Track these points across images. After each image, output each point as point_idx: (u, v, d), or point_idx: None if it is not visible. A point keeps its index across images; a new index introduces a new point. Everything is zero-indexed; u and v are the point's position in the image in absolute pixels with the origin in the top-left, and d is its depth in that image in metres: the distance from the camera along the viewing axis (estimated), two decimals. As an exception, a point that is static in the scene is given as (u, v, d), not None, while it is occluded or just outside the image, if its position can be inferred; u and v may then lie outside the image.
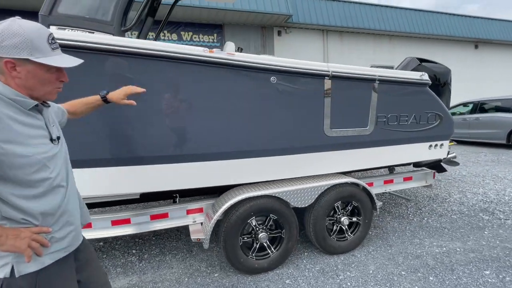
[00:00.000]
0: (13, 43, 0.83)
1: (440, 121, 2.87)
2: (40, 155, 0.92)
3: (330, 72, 2.25)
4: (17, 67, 0.87)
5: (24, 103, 0.90)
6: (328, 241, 2.50)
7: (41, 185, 0.93)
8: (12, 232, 0.87)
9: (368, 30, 11.25)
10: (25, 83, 0.89)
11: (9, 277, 0.89)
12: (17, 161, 0.86)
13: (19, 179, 0.88)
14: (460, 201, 3.84)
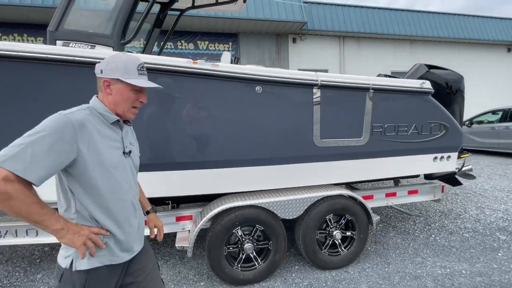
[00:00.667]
0: (112, 67, 1.05)
1: (446, 131, 2.69)
2: (111, 162, 1.05)
3: (318, 81, 2.20)
4: (111, 86, 1.07)
5: (108, 117, 1.08)
6: (318, 255, 2.41)
7: (108, 190, 1.04)
8: (73, 228, 0.97)
9: (387, 35, 10.91)
10: (113, 98, 1.08)
11: (68, 268, 0.99)
12: (91, 164, 0.99)
13: (90, 181, 1.00)
14: (476, 218, 3.54)
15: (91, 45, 2.25)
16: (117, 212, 1.07)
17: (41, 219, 0.90)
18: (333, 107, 2.31)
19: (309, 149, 2.30)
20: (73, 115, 0.98)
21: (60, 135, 0.92)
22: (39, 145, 0.89)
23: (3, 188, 0.83)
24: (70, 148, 0.94)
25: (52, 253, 2.88)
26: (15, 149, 0.87)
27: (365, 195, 2.84)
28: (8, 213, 0.88)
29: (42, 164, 0.89)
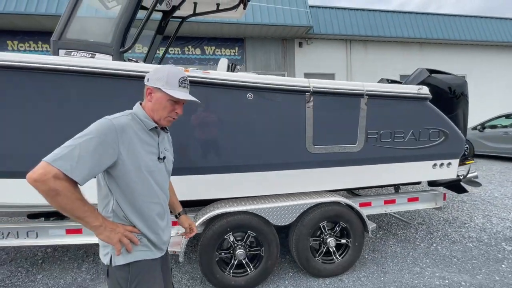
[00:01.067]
0: (157, 77, 1.14)
1: (446, 138, 2.62)
2: (146, 166, 1.12)
3: (311, 88, 2.20)
4: (152, 93, 1.16)
5: (147, 124, 1.16)
6: (311, 263, 2.38)
7: (144, 193, 1.12)
8: (110, 225, 1.05)
9: (395, 38, 10.77)
10: (152, 106, 1.16)
11: (110, 265, 1.08)
12: (130, 167, 1.07)
13: (128, 183, 1.08)
14: (482, 227, 3.42)
15: (92, 54, 2.33)
16: (148, 214, 1.14)
17: (83, 215, 0.99)
18: (326, 113, 2.30)
19: (302, 155, 2.29)
20: (117, 120, 1.07)
21: (104, 139, 1.01)
22: (85, 147, 0.97)
23: (52, 185, 0.91)
24: (112, 151, 1.02)
25: (54, 255, 2.97)
26: (65, 150, 0.96)
27: (362, 202, 2.80)
28: (54, 207, 0.96)
29: (86, 165, 0.97)
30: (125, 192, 1.08)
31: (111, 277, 1.10)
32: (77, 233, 2.33)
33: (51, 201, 0.94)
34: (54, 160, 0.93)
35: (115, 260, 1.08)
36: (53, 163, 0.92)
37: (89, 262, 2.78)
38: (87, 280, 2.49)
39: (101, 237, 1.03)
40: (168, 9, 3.69)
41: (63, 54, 2.32)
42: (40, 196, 0.97)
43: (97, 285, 2.40)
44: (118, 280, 1.09)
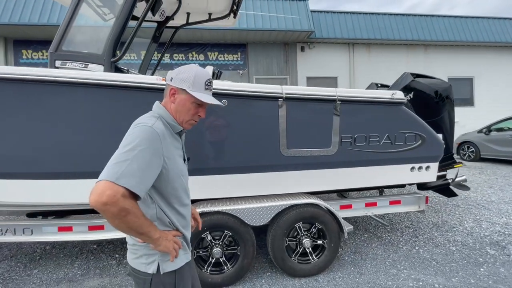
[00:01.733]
0: (182, 77, 1.09)
1: (422, 142, 2.66)
2: (181, 171, 1.12)
3: (283, 94, 2.31)
4: (176, 94, 1.11)
5: (174, 127, 1.13)
6: (287, 262, 2.46)
7: (181, 199, 1.12)
8: (165, 234, 1.03)
9: (399, 41, 10.69)
10: (175, 107, 1.12)
11: (156, 273, 1.04)
12: (170, 174, 1.05)
13: (169, 189, 1.07)
14: (470, 231, 3.40)
15: (85, 64, 2.53)
16: (185, 214, 1.16)
17: (148, 230, 0.95)
18: (300, 118, 2.39)
19: (276, 158, 2.39)
20: (157, 126, 1.02)
21: (153, 149, 0.97)
22: (141, 159, 0.92)
23: (122, 205, 0.85)
24: (160, 160, 0.99)
25: (52, 252, 3.16)
26: (123, 165, 0.89)
27: (343, 204, 2.87)
28: (121, 228, 0.90)
29: (146, 178, 0.94)
30: (167, 198, 1.07)
31: (156, 285, 1.05)
32: (68, 230, 2.51)
33: (121, 223, 0.89)
34: (118, 178, 0.87)
35: (163, 267, 1.05)
36: (117, 182, 0.86)
37: (82, 259, 2.96)
38: (78, 275, 2.66)
39: (160, 248, 1.01)
40: (162, 20, 3.87)
41: (59, 65, 2.53)
42: (36, 196, 1.02)
43: (86, 280, 2.57)
44: (165, 285, 1.06)
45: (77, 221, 2.49)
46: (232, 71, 10.23)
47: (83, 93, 2.18)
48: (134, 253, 1.08)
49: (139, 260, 1.07)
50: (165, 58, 9.95)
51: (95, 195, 0.85)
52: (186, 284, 1.13)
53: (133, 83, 2.16)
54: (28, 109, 2.20)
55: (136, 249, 1.07)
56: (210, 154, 2.31)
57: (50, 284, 2.52)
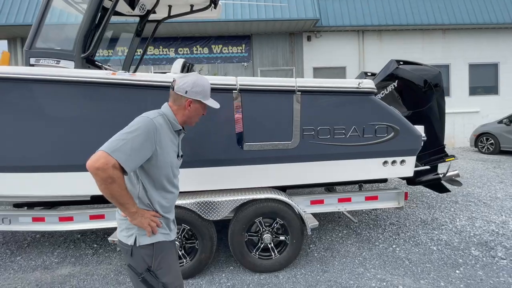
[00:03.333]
0: (197, 90, 1.32)
1: (395, 134, 2.47)
2: (170, 162, 1.31)
3: (237, 86, 2.23)
4: (191, 104, 1.33)
5: (174, 125, 1.33)
6: (246, 257, 2.43)
7: (165, 186, 1.31)
8: (141, 212, 1.21)
9: (413, 26, 10.01)
10: (189, 114, 1.35)
11: (134, 245, 1.23)
12: (159, 162, 1.24)
13: (155, 177, 1.26)
14: (460, 229, 3.16)
15: (57, 61, 2.59)
16: (169, 201, 1.34)
17: (126, 202, 1.14)
18: (257, 110, 2.31)
19: (234, 152, 2.33)
20: (156, 120, 1.23)
21: (148, 136, 1.17)
22: (135, 142, 1.13)
23: (111, 173, 1.05)
24: (151, 147, 1.19)
25: (40, 240, 3.36)
26: (120, 142, 1.10)
27: (314, 200, 2.77)
28: (105, 194, 1.10)
29: (135, 158, 1.14)
30: (152, 182, 1.25)
31: (136, 255, 1.24)
32: (40, 220, 2.64)
33: (106, 188, 1.08)
34: (113, 151, 1.07)
35: (140, 240, 1.22)
36: (112, 154, 1.06)
37: (63, 248, 3.12)
38: (54, 263, 2.80)
39: (135, 222, 1.19)
40: (143, 14, 3.87)
41: (33, 62, 2.61)
42: (21, 188, 1.10)
43: (59, 268, 2.70)
44: (144, 257, 1.23)
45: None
46: (237, 63, 10.15)
47: (49, 90, 2.24)
48: (120, 226, 1.28)
49: (122, 233, 1.27)
50: (170, 53, 10.07)
51: (91, 160, 1.06)
52: (167, 256, 1.29)
53: (87, 78, 2.18)
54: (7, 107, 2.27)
55: (121, 223, 1.27)
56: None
57: (26, 270, 2.68)
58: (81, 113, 2.27)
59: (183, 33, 9.82)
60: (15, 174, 2.38)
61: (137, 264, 1.24)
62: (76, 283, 2.44)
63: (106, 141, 1.13)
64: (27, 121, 2.29)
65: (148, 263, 1.24)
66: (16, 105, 2.28)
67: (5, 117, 2.28)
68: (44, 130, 2.28)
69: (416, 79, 3.08)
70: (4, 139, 2.30)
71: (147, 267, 1.23)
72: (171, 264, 1.32)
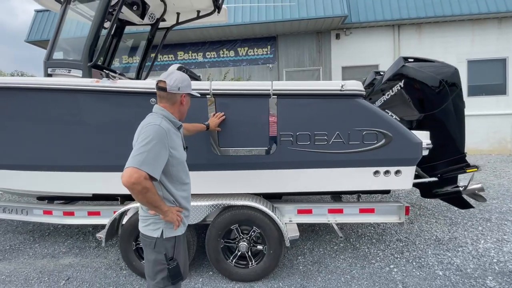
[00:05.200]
0: (186, 84, 1.45)
1: (387, 141, 2.20)
2: (182, 157, 1.47)
3: (210, 90, 2.21)
4: (185, 98, 1.48)
5: (176, 123, 1.48)
6: (222, 264, 2.39)
7: (183, 179, 1.47)
8: (171, 209, 1.39)
9: (460, 16, 8.89)
10: (184, 108, 1.50)
11: (159, 237, 1.40)
12: (175, 160, 1.40)
13: (174, 173, 1.41)
14: (480, 253, 2.69)
15: (68, 70, 2.88)
16: (187, 194, 1.52)
17: (160, 204, 1.32)
18: (231, 115, 2.25)
19: (208, 157, 2.31)
20: (164, 125, 1.36)
21: (162, 142, 1.31)
22: (154, 151, 1.27)
23: (144, 184, 1.21)
24: (167, 151, 1.33)
25: (59, 230, 3.74)
26: (143, 156, 1.23)
27: (302, 209, 2.62)
28: (143, 202, 1.28)
29: (159, 165, 1.29)
30: (171, 180, 1.40)
31: (159, 246, 1.39)
32: (49, 214, 2.94)
33: (143, 197, 1.24)
34: (141, 165, 1.21)
35: (166, 233, 1.40)
36: (141, 167, 1.20)
37: (74, 239, 3.43)
38: (61, 253, 3.10)
39: (167, 219, 1.36)
40: (153, 22, 4.08)
41: (50, 72, 2.93)
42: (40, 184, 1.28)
43: (63, 258, 2.98)
44: (167, 247, 1.40)
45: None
46: (262, 65, 10.13)
47: (62, 98, 2.46)
48: (144, 221, 1.43)
49: (148, 227, 1.42)
50: (199, 57, 10.47)
51: (126, 177, 1.19)
52: (182, 249, 1.49)
53: (72, 86, 2.37)
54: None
55: (146, 219, 1.42)
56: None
57: (38, 257, 3.01)
58: (73, 119, 2.47)
59: (210, 38, 10.13)
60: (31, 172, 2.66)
61: (159, 255, 1.39)
62: (70, 273, 2.66)
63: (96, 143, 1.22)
64: (34, 126, 2.56)
65: (170, 253, 1.40)
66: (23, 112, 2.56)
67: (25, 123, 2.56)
68: (43, 135, 2.53)
69: (425, 78, 2.70)
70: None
71: (170, 256, 1.39)
72: (183, 254, 1.51)
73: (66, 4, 3.03)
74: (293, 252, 2.88)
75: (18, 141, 2.59)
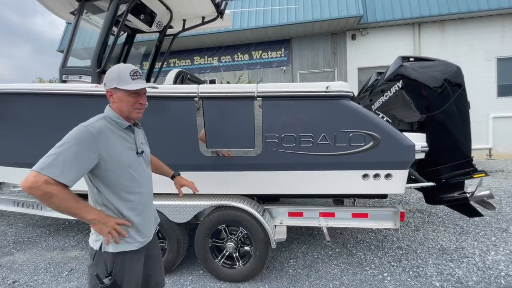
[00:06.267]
0: (110, 78, 1.24)
1: (375, 143, 2.13)
2: (125, 162, 1.25)
3: (198, 93, 2.27)
4: (113, 95, 1.26)
5: (121, 124, 1.28)
6: (210, 263, 2.43)
7: (128, 187, 1.26)
8: (104, 219, 1.19)
9: (487, 11, 8.32)
10: (117, 106, 1.27)
11: (98, 250, 1.23)
12: (110, 166, 1.20)
13: (111, 180, 1.22)
14: (487, 265, 2.49)
15: (79, 76, 3.12)
16: (137, 202, 1.29)
17: (77, 211, 1.14)
18: (219, 117, 2.30)
19: (196, 158, 2.37)
20: (92, 126, 1.19)
21: (82, 145, 1.13)
22: (68, 154, 1.10)
23: (44, 189, 1.06)
24: (93, 154, 1.15)
25: (73, 225, 4.01)
26: (50, 158, 1.09)
27: (292, 212, 2.60)
28: (51, 208, 1.12)
29: (72, 169, 1.10)
30: (113, 188, 1.22)
31: (97, 261, 1.24)
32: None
33: (47, 203, 1.09)
34: (42, 168, 1.07)
35: (105, 247, 1.22)
36: (41, 171, 1.06)
37: (83, 234, 3.66)
38: (70, 246, 3.32)
39: (95, 229, 1.20)
40: (160, 30, 4.28)
41: (65, 78, 3.19)
42: None
43: (70, 251, 3.19)
44: (106, 262, 1.23)
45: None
46: (276, 68, 10.15)
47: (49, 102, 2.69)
48: (91, 230, 1.29)
49: (91, 237, 1.29)
50: (214, 61, 10.72)
51: (23, 181, 1.08)
52: (128, 271, 1.25)
53: (72, 90, 2.55)
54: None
55: (92, 228, 1.27)
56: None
57: (49, 249, 3.25)
58: (79, 121, 2.66)
59: (225, 42, 10.34)
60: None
61: (99, 270, 1.23)
62: (74, 265, 2.84)
63: None
64: (47, 128, 2.78)
65: (109, 269, 1.22)
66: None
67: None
68: (53, 137, 2.74)
69: (425, 78, 2.58)
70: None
71: (106, 274, 1.22)
72: (135, 276, 1.28)
73: (79, 15, 3.26)
74: (286, 255, 2.86)
75: (34, 142, 2.82)
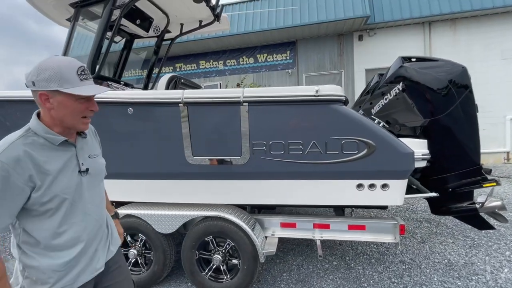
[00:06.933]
0: (46, 77, 0.88)
1: (370, 151, 1.97)
2: (63, 188, 0.95)
3: (182, 99, 2.18)
4: (50, 99, 0.91)
5: (53, 140, 0.95)
6: (196, 277, 2.32)
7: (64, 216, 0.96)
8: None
9: (503, 8, 7.94)
10: (57, 113, 0.93)
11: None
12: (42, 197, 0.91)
13: (44, 212, 0.92)
14: (499, 283, 2.26)
15: None
16: (79, 231, 1.01)
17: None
18: (205, 123, 2.20)
19: (182, 166, 2.27)
20: (4, 155, 0.87)
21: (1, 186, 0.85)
22: None
23: None
24: (17, 188, 0.87)
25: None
26: None
27: (285, 222, 2.46)
28: None
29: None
30: (43, 221, 0.94)
31: None
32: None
33: None
34: None
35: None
36: None
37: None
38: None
39: None
40: (158, 34, 4.25)
41: None
42: None
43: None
44: None
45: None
46: (281, 71, 10.03)
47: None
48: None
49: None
50: (219, 65, 10.71)
51: None
52: None
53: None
54: None
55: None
56: (120, 160, 2.37)
57: None
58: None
59: (230, 46, 10.31)
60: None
61: None
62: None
63: None
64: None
65: None
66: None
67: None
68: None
69: (427, 79, 2.40)
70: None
71: None
72: None
73: (74, 21, 3.26)
74: (280, 267, 2.71)
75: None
